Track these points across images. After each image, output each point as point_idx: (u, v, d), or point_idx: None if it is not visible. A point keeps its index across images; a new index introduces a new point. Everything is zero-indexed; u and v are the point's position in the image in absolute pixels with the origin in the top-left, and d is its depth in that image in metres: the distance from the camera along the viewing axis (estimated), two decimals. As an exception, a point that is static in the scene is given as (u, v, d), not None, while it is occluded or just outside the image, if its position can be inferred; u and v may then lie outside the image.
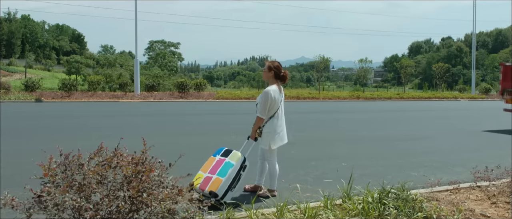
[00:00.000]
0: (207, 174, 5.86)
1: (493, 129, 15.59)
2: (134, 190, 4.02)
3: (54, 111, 18.02)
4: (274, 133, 6.14)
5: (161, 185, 4.23)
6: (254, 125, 6.19)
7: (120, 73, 59.34)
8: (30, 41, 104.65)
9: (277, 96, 6.10)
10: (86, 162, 4.21)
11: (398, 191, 5.71)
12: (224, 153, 6.13)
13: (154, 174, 4.24)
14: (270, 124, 6.13)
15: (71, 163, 4.16)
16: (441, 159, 9.89)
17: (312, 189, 6.66)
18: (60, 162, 4.18)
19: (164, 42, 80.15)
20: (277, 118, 6.15)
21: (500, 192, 6.54)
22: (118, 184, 4.10)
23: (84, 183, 3.99)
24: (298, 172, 8.15)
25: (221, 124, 14.86)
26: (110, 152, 4.32)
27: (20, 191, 4.42)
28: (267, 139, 6.14)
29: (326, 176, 7.78)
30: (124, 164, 4.17)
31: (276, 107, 6.11)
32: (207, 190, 5.66)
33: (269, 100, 6.03)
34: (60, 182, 4.06)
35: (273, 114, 6.12)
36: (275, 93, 6.09)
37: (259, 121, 6.12)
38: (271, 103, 6.05)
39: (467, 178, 7.65)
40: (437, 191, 6.75)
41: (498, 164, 8.36)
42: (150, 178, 4.16)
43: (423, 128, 16.12)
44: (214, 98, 25.87)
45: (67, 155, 4.21)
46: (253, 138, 6.23)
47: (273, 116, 6.12)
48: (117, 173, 4.18)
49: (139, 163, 4.22)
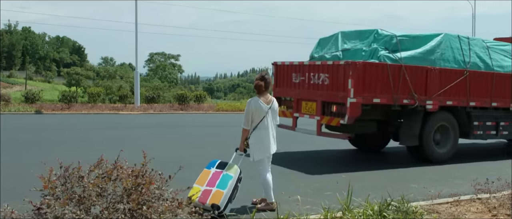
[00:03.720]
0: (205, 187, 5.86)
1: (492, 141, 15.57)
2: (134, 202, 4.02)
3: (54, 123, 18.03)
4: (257, 144, 6.19)
5: (161, 197, 4.23)
6: (241, 137, 6.27)
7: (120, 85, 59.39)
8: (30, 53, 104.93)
9: (258, 107, 6.14)
10: (86, 174, 4.21)
11: (399, 203, 5.71)
12: (219, 166, 6.15)
13: (154, 186, 4.24)
14: (254, 135, 6.19)
15: (71, 176, 4.16)
16: (441, 171, 9.88)
17: (312, 201, 6.64)
18: (60, 175, 4.18)
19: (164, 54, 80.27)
20: (260, 128, 6.17)
21: (500, 204, 6.53)
22: (118, 197, 4.09)
23: (84, 195, 3.99)
24: (298, 184, 8.14)
25: (221, 136, 14.87)
26: (110, 165, 4.32)
27: (20, 203, 4.41)
28: (251, 150, 6.23)
29: (326, 188, 7.76)
30: (124, 177, 4.17)
31: (259, 118, 6.14)
32: (208, 203, 5.66)
33: (249, 111, 6.16)
34: (60, 194, 4.05)
35: (257, 125, 6.17)
36: (256, 103, 6.15)
37: (243, 132, 6.26)
38: (252, 114, 6.13)
39: (468, 190, 7.64)
40: (437, 204, 6.74)
41: (498, 176, 8.35)
42: (150, 191, 4.16)
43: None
44: (214, 110, 25.88)
45: (67, 168, 4.21)
46: (241, 150, 6.32)
47: (256, 127, 6.17)
48: (117, 185, 4.18)
49: (139, 176, 4.22)
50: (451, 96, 10.92)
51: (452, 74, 10.91)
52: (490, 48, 11.89)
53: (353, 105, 9.57)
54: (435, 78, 10.60)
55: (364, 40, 10.71)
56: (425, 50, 10.67)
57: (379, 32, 10.55)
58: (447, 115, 11.07)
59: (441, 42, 10.93)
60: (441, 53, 10.88)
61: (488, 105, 11.54)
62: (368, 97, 9.85)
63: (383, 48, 10.27)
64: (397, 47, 10.32)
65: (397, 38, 10.40)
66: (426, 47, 10.71)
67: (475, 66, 11.35)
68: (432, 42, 10.82)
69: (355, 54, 10.47)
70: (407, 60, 10.33)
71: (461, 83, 10.98)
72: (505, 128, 11.96)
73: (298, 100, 11.13)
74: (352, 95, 9.56)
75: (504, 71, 11.82)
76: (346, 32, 11.39)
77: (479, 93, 11.36)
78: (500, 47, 12.18)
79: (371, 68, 9.89)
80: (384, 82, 10.01)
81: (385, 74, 9.99)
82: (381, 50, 10.20)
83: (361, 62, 9.85)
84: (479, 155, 12.87)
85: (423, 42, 10.81)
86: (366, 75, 9.78)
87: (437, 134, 10.98)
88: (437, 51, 10.81)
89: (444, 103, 10.82)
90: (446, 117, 11.05)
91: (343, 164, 10.95)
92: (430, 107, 10.57)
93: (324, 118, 10.34)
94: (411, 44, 10.62)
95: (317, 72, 10.59)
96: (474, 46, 11.54)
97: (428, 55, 10.69)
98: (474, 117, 11.42)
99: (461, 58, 11.16)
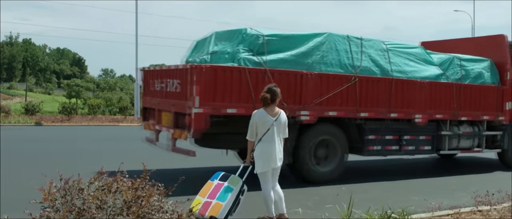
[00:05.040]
0: (206, 199, 5.84)
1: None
2: (134, 215, 4.01)
3: (54, 135, 18.03)
4: (260, 156, 6.11)
5: (161, 210, 4.23)
6: (247, 149, 6.25)
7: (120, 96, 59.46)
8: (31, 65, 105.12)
9: (263, 119, 6.10)
10: (86, 186, 4.21)
11: (399, 215, 5.69)
12: (222, 178, 6.11)
13: (154, 199, 4.23)
14: (258, 147, 6.13)
15: (71, 188, 4.16)
16: (441, 183, 9.86)
17: (312, 214, 6.62)
18: (60, 187, 4.18)
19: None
20: (264, 141, 6.12)
21: (501, 216, 6.51)
22: (118, 209, 4.09)
23: (84, 208, 3.99)
24: (297, 196, 8.11)
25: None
26: (110, 177, 4.32)
27: (20, 215, 4.40)
28: (255, 162, 6.14)
29: (326, 201, 7.74)
30: (124, 189, 4.17)
31: (264, 130, 6.10)
32: (207, 215, 5.63)
33: (254, 123, 6.10)
34: (59, 206, 4.05)
35: (261, 137, 6.11)
36: (260, 115, 6.12)
37: (248, 144, 6.21)
38: (257, 126, 6.08)
39: (468, 203, 7.61)
40: (438, 216, 6.72)
41: (499, 188, 8.34)
42: (150, 203, 4.16)
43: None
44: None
45: (67, 180, 4.22)
46: (247, 162, 6.26)
47: (261, 140, 6.12)
48: (117, 198, 4.17)
49: (139, 188, 4.22)
50: (335, 106, 9.37)
51: (336, 80, 9.34)
52: (391, 50, 10.33)
53: (197, 117, 8.19)
54: (312, 84, 9.09)
55: (233, 41, 9.19)
56: (299, 52, 9.18)
57: (247, 32, 9.04)
58: (330, 128, 9.55)
59: (322, 43, 9.42)
60: (322, 55, 9.35)
61: (385, 116, 9.98)
62: (219, 107, 8.42)
63: (247, 49, 8.83)
64: (263, 48, 8.86)
65: (264, 38, 8.94)
66: (301, 49, 9.22)
67: (367, 71, 9.79)
68: (309, 43, 9.30)
69: (220, 58, 9.00)
70: (274, 64, 8.86)
71: (349, 91, 9.45)
72: (410, 143, 10.42)
73: (159, 110, 9.80)
74: (197, 105, 8.19)
75: (407, 76, 10.26)
76: (219, 32, 9.78)
77: (373, 103, 9.81)
78: (405, 50, 10.66)
79: (223, 73, 8.44)
80: (243, 89, 8.53)
81: (243, 80, 8.50)
82: (243, 52, 8.77)
83: (209, 65, 8.44)
84: (478, 166, 12.85)
85: (298, 43, 9.29)
86: (217, 82, 8.36)
87: (320, 150, 9.45)
88: (316, 54, 9.30)
89: (325, 114, 9.31)
90: (329, 131, 9.53)
91: (343, 176, 10.92)
92: (305, 118, 9.05)
93: (176, 132, 8.91)
94: (282, 45, 9.14)
95: (172, 78, 9.20)
96: (369, 48, 10.01)
97: (304, 58, 9.19)
98: (368, 131, 9.87)
99: (349, 61, 9.61)
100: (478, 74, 11.45)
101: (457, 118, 11.06)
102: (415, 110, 10.27)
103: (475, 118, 11.47)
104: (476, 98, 11.35)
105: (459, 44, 12.79)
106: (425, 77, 10.53)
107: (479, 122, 11.64)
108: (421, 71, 10.55)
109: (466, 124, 11.42)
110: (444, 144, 11.08)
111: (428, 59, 10.96)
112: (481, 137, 11.70)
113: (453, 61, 11.18)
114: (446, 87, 10.83)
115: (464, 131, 11.32)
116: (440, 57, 11.20)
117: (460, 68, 11.20)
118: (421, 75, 10.50)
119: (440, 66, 10.98)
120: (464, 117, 11.21)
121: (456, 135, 11.20)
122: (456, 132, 11.17)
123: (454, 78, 11.00)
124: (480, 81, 11.46)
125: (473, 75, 11.36)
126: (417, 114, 10.30)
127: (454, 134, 11.16)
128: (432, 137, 10.78)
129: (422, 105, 10.42)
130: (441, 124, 11.00)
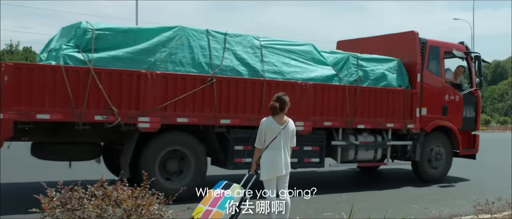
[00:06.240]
0: (207, 207, 5.84)
1: (494, 160, 15.54)
2: (134, 224, 4.01)
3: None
4: (266, 164, 6.12)
5: (161, 218, 4.23)
6: (254, 156, 6.24)
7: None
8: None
9: (271, 127, 6.11)
10: (86, 195, 4.21)
11: (399, 224, 5.68)
12: (225, 186, 6.11)
13: (154, 208, 4.24)
14: (264, 154, 6.15)
15: (71, 197, 4.17)
16: (442, 192, 9.85)
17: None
18: (60, 196, 4.19)
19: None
20: (271, 149, 6.12)
21: (502, 225, 6.50)
22: (118, 218, 4.09)
23: (84, 216, 3.99)
24: (298, 204, 8.09)
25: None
26: (111, 186, 4.33)
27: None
28: (261, 169, 6.15)
29: (326, 209, 7.73)
30: (124, 198, 4.17)
31: (271, 137, 6.12)
32: (207, 222, 5.63)
33: (262, 130, 6.10)
34: (59, 215, 4.05)
35: (268, 145, 6.13)
36: (269, 123, 6.13)
37: (255, 151, 6.20)
38: (265, 133, 6.09)
39: (469, 211, 7.60)
40: (438, 224, 6.71)
41: (498, 196, 8.32)
42: (150, 212, 4.16)
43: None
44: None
45: (67, 189, 4.22)
46: (252, 171, 6.24)
47: (268, 147, 6.13)
48: (117, 207, 4.18)
49: (139, 197, 4.22)
50: (187, 112, 8.13)
51: (187, 82, 8.11)
52: (267, 48, 9.03)
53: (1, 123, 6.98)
54: (155, 86, 7.86)
55: (68, 37, 7.97)
56: (139, 49, 7.95)
57: (80, 26, 7.83)
58: (183, 137, 8.30)
59: (171, 39, 8.21)
60: (170, 53, 8.15)
61: (255, 123, 7.79)
62: (28, 113, 7.14)
63: (73, 45, 7.68)
64: (91, 44, 7.65)
65: (93, 32, 7.69)
66: (143, 45, 7.99)
67: (230, 71, 8.53)
68: (154, 39, 8.09)
69: (52, 56, 7.86)
70: (104, 62, 7.64)
71: (205, 94, 8.21)
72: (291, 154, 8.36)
73: None
74: None
75: (284, 78, 8.93)
76: (64, 27, 8.48)
77: (238, 108, 8.51)
78: (287, 48, 9.30)
79: (30, 73, 7.16)
80: (61, 91, 7.28)
81: (59, 81, 7.26)
82: (66, 48, 7.59)
83: (11, 63, 7.23)
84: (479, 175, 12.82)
85: (141, 39, 8.06)
86: (23, 82, 7.07)
87: (171, 163, 8.23)
88: (161, 50, 8.08)
89: (173, 121, 8.05)
90: (181, 140, 8.27)
91: (343, 185, 10.93)
92: (145, 126, 7.80)
93: None
94: (119, 41, 7.92)
95: None
96: (235, 45, 8.76)
97: (144, 55, 7.96)
98: (233, 141, 8.53)
99: (205, 60, 8.39)
100: (381, 76, 10.01)
101: (351, 126, 9.58)
102: (295, 117, 7.71)
103: (376, 126, 9.94)
104: (377, 103, 9.85)
105: (372, 42, 11.29)
106: (311, 78, 9.20)
107: (383, 130, 10.12)
108: (305, 72, 9.24)
109: (366, 133, 9.95)
110: (336, 156, 9.69)
111: (318, 58, 9.61)
112: (385, 147, 10.18)
113: (348, 61, 9.78)
114: (337, 90, 9.38)
115: (362, 141, 9.79)
116: (335, 56, 9.86)
117: (357, 68, 9.78)
118: (305, 77, 9.16)
119: (334, 66, 9.64)
120: (361, 125, 9.72)
121: (352, 146, 9.69)
122: (351, 142, 9.65)
123: (348, 80, 9.59)
124: (382, 83, 10.00)
125: (374, 77, 9.94)
126: (297, 122, 8.03)
127: (349, 144, 9.65)
128: (320, 148, 9.34)
129: (305, 111, 9.00)
130: (334, 132, 9.60)
